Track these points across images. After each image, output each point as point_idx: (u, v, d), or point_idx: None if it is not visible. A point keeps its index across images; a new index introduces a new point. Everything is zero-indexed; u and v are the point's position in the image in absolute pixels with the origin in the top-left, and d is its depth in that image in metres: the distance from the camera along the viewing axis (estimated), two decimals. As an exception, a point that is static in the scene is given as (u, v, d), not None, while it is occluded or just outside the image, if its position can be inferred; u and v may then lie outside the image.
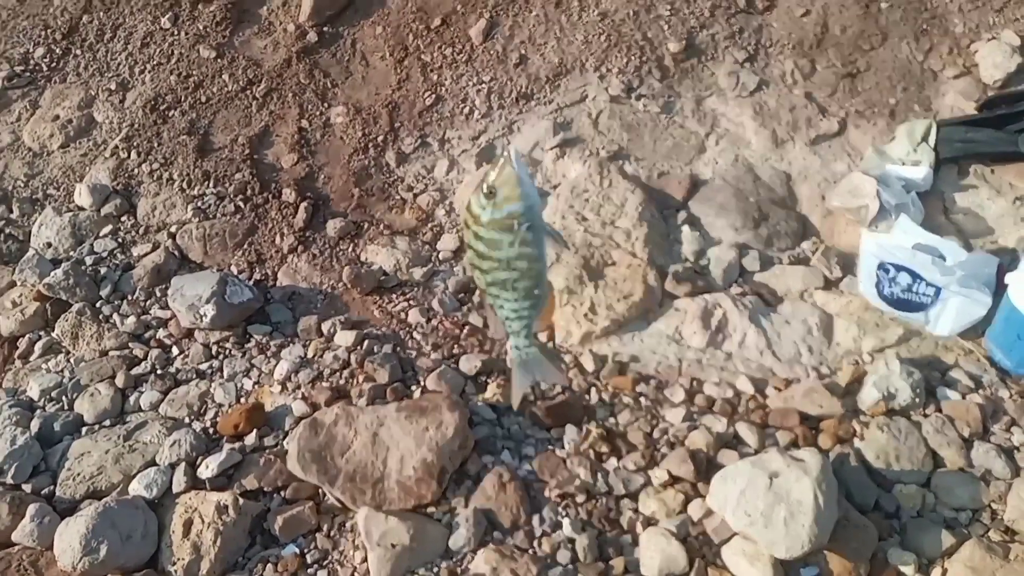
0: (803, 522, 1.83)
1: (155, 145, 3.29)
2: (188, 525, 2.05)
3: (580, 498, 2.09)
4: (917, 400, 2.23)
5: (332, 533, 2.07)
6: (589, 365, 2.46)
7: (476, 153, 3.15)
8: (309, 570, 2.01)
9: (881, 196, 2.71)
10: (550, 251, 1.71)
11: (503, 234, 1.55)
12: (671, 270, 2.70)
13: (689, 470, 2.09)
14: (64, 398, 2.51)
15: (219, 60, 3.52)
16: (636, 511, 2.07)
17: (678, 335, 2.54)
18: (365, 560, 1.99)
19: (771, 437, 2.22)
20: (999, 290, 2.42)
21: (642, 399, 2.36)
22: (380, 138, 3.24)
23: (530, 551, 1.99)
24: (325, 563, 2.02)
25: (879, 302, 2.55)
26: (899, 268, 2.46)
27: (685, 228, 2.86)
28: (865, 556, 1.92)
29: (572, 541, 2.00)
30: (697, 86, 3.27)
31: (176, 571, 1.99)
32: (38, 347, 2.71)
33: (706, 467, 2.12)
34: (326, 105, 3.38)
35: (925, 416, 2.22)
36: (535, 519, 2.06)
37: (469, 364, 2.47)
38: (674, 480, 2.10)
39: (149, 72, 3.53)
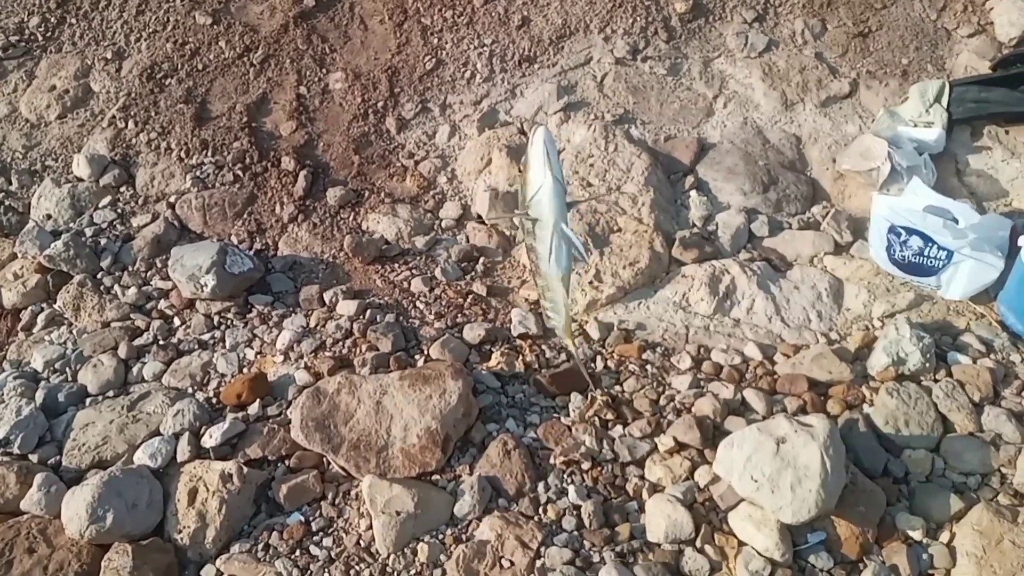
0: (810, 487, 1.82)
1: (152, 114, 3.25)
2: (193, 494, 2.05)
3: (585, 465, 2.08)
4: (927, 365, 2.20)
5: (337, 501, 2.07)
6: (595, 333, 2.44)
7: (478, 118, 3.09)
8: (314, 538, 2.01)
9: (893, 158, 2.65)
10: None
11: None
12: (678, 236, 2.66)
13: (695, 437, 2.07)
14: (68, 369, 2.50)
15: (215, 26, 3.45)
16: (642, 478, 2.06)
17: (685, 302, 2.51)
18: (370, 528, 1.99)
19: (779, 403, 2.20)
20: (1012, 253, 2.38)
21: (648, 366, 2.34)
22: (380, 104, 3.18)
23: (535, 518, 1.99)
24: (330, 531, 2.02)
25: (890, 266, 2.51)
26: (910, 231, 2.42)
27: (692, 193, 2.81)
28: (873, 521, 1.91)
29: (577, 508, 1.99)
30: (704, 47, 3.19)
31: (182, 539, 2.00)
32: (40, 319, 2.70)
33: (713, 434, 2.10)
34: (324, 71, 3.32)
35: (935, 381, 2.20)
36: (540, 486, 2.05)
37: (473, 333, 2.45)
38: (680, 447, 2.08)
39: (145, 40, 3.46)
